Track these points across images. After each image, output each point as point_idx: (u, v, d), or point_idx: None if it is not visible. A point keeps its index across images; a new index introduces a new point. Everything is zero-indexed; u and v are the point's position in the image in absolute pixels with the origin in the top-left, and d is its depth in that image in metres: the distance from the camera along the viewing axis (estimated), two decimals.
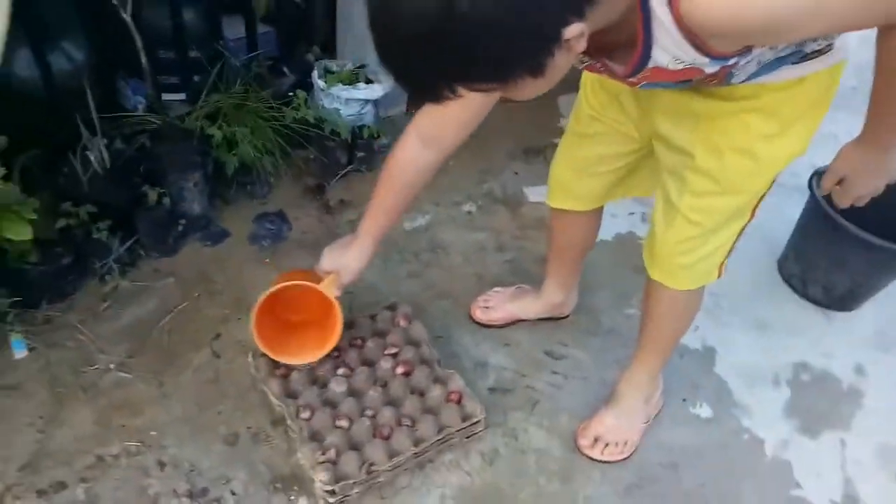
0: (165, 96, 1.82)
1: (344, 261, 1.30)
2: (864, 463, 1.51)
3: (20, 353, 1.43)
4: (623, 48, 0.82)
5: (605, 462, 1.42)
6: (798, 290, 1.88)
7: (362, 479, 1.25)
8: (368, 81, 1.98)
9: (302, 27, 2.13)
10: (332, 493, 1.23)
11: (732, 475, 1.45)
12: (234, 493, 1.28)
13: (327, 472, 1.23)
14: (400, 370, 1.43)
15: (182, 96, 1.87)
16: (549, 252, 1.58)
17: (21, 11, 1.29)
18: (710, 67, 0.83)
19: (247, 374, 1.45)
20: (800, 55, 0.92)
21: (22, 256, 1.44)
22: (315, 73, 1.94)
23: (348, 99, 1.92)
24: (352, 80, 1.96)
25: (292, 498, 1.28)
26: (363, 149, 1.97)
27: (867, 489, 1.46)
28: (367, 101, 1.96)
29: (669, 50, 0.79)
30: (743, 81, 0.93)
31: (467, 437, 1.39)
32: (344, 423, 1.33)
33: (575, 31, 0.68)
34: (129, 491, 1.26)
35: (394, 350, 1.46)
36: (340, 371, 1.42)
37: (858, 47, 0.96)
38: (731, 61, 0.82)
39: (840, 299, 1.82)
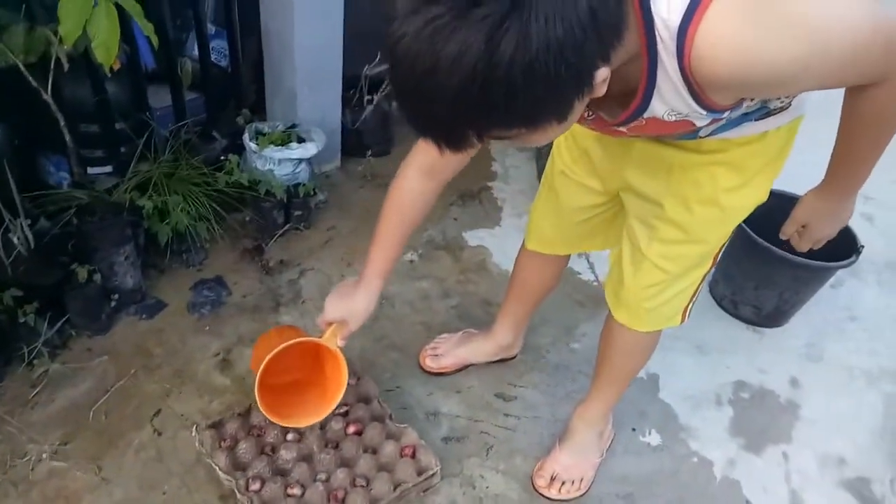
0: (91, 170, 1.79)
1: (351, 307, 1.23)
2: (807, 473, 1.57)
3: None
4: (617, 95, 0.80)
5: (563, 501, 1.43)
6: (730, 311, 1.96)
7: None
8: (301, 140, 1.99)
9: (230, 91, 2.14)
10: None
11: (686, 500, 1.48)
12: None
13: None
14: (351, 429, 1.41)
15: (109, 169, 1.84)
16: (508, 291, 1.59)
17: None
18: (703, 121, 0.84)
19: (191, 449, 1.40)
20: (763, 112, 0.94)
21: None
22: (246, 136, 1.95)
23: (282, 159, 1.92)
24: (284, 140, 1.97)
25: None
26: (299, 207, 1.97)
27: (812, 498, 1.51)
28: (300, 160, 1.97)
29: (668, 101, 0.80)
30: (708, 136, 0.95)
31: (424, 491, 1.38)
32: (296, 490, 1.29)
33: (603, 76, 0.67)
34: None
35: (344, 409, 1.44)
36: (290, 436, 1.39)
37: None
38: (724, 114, 0.84)
39: (769, 316, 1.91)
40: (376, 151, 2.35)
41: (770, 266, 1.80)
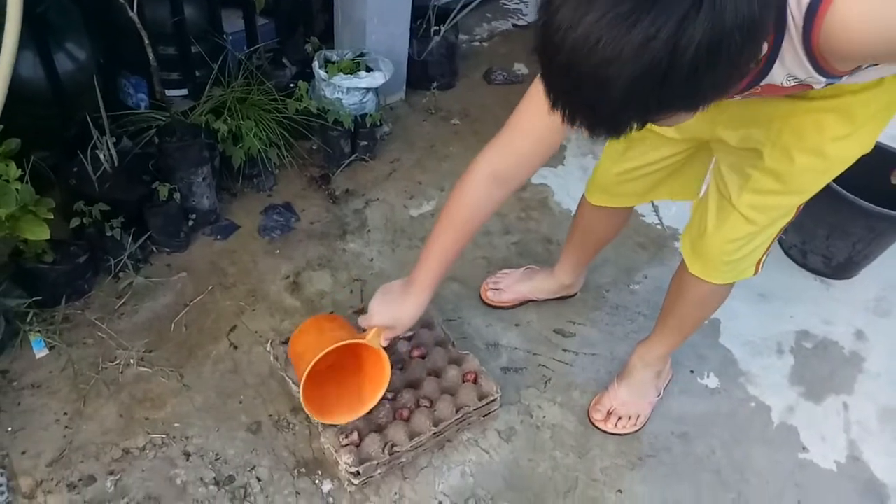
0: (168, 92, 1.83)
1: (398, 316, 1.21)
2: (866, 425, 1.56)
3: (41, 352, 1.46)
4: None
5: (618, 434, 1.46)
6: (798, 261, 1.92)
7: (385, 459, 1.28)
8: (369, 70, 1.99)
9: (300, 18, 2.13)
10: (357, 474, 1.27)
11: (742, 442, 1.49)
12: (259, 480, 1.32)
13: (351, 455, 1.27)
14: (416, 353, 1.46)
15: (184, 92, 1.88)
16: (570, 237, 1.59)
17: (24, 13, 1.30)
18: (819, 85, 0.83)
19: (265, 363, 1.48)
20: None
21: (38, 257, 1.45)
22: (315, 64, 1.95)
23: (350, 88, 1.93)
24: (352, 69, 1.97)
25: (317, 482, 1.32)
26: (366, 137, 1.99)
27: (870, 450, 1.51)
28: (368, 90, 1.97)
29: (789, 68, 0.79)
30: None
31: (484, 416, 1.43)
32: None
33: (766, 49, 0.68)
34: (157, 482, 1.29)
35: (409, 333, 1.49)
36: None
37: None
38: (842, 78, 0.81)
39: (839, 268, 1.86)
40: (441, 84, 2.33)
41: (845, 215, 1.74)
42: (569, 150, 2.20)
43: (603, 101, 0.63)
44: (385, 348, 1.43)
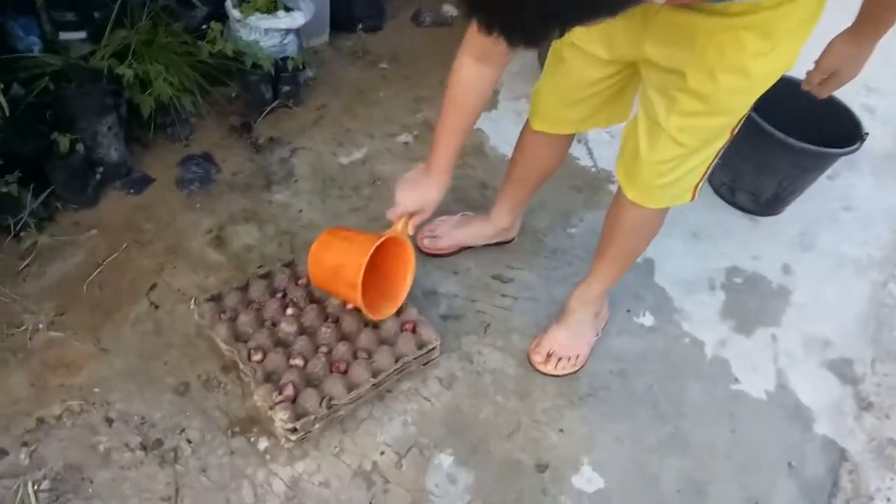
0: (63, 34, 1.66)
1: (426, 197, 1.29)
2: (793, 354, 1.61)
3: None
4: None
5: (558, 376, 1.46)
6: (727, 199, 1.95)
7: (323, 414, 1.24)
8: (288, 9, 1.86)
9: None
10: (294, 430, 1.22)
11: (677, 377, 1.52)
12: (190, 442, 1.25)
13: (286, 411, 1.21)
14: (350, 305, 1.41)
15: (83, 34, 1.70)
16: (510, 174, 1.56)
17: None
18: None
19: (190, 323, 1.40)
20: None
21: None
22: (229, 3, 1.81)
23: (268, 29, 1.80)
24: (269, 8, 1.84)
25: (252, 440, 1.26)
26: (288, 82, 1.87)
27: (796, 377, 1.56)
28: (288, 31, 1.85)
29: None
30: None
31: (424, 365, 1.40)
32: (298, 361, 1.30)
33: None
34: (77, 450, 1.21)
35: None
36: (289, 311, 1.38)
37: None
38: None
39: (766, 204, 1.91)
40: (367, 27, 2.22)
41: (772, 152, 1.77)
42: (502, 95, 2.15)
43: (522, 16, 0.63)
44: (319, 301, 1.39)
